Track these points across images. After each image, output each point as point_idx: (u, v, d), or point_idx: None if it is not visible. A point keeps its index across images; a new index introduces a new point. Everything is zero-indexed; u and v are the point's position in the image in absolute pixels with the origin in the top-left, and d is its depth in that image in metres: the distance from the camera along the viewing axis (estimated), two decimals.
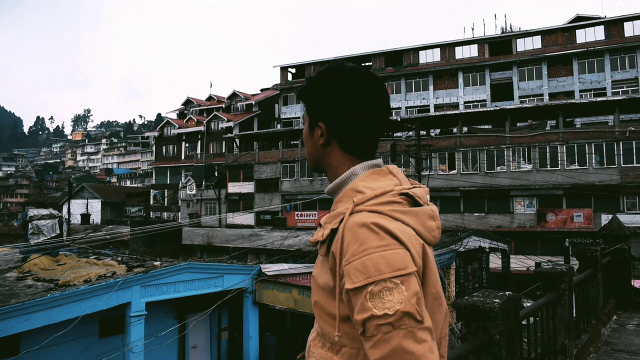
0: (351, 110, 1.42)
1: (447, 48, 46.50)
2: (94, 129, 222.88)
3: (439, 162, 36.98)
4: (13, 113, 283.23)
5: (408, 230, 1.25)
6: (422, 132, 32.37)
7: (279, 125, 53.94)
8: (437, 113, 40.96)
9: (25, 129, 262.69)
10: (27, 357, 10.66)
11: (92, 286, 11.07)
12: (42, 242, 13.79)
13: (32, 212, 14.36)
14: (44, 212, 14.44)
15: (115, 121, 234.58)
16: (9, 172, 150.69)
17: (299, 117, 52.38)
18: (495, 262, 26.42)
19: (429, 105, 45.86)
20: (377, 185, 1.34)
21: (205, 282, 13.44)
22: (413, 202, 1.32)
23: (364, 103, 1.42)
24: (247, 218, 42.37)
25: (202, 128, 60.01)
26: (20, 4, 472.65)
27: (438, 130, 41.43)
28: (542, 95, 41.77)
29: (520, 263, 25.86)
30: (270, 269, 15.34)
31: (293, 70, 55.46)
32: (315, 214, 38.23)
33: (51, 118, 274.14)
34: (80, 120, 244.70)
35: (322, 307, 1.36)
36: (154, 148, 69.64)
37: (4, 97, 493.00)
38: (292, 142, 46.11)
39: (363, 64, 48.91)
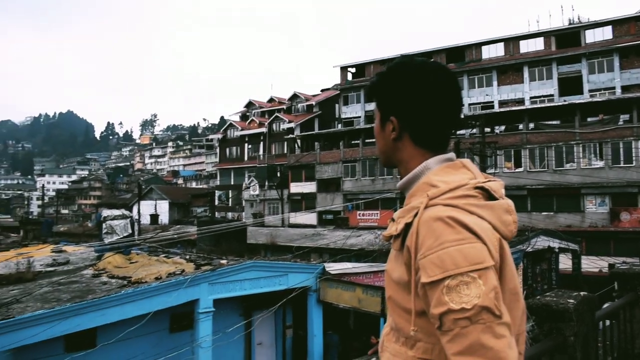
0: (423, 103, 1.42)
1: (511, 42, 45.16)
2: (161, 133, 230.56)
3: (504, 160, 36.00)
4: (85, 119, 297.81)
5: (484, 224, 1.23)
6: (487, 129, 31.63)
7: (339, 125, 54.02)
8: (501, 109, 39.84)
9: (97, 134, 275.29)
10: (103, 350, 11.13)
11: (163, 283, 11.47)
12: (115, 241, 14.40)
13: (106, 212, 15.03)
14: (117, 212, 15.09)
15: (181, 125, 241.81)
16: (82, 176, 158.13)
17: (359, 117, 52.28)
18: (565, 263, 25.39)
19: (492, 102, 44.68)
20: (451, 179, 1.33)
21: (270, 280, 13.64)
22: (488, 195, 1.31)
23: (436, 96, 1.42)
24: (310, 218, 42.66)
25: (264, 129, 60.89)
26: (89, 15, 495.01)
27: (503, 127, 40.30)
28: (614, 88, 39.81)
29: (592, 264, 24.76)
30: (334, 267, 15.40)
31: (353, 70, 55.39)
32: (377, 214, 38.06)
33: (120, 123, 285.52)
34: (147, 124, 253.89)
35: (396, 301, 1.37)
36: (217, 150, 71.24)
37: (77, 105, 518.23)
38: (353, 142, 46.07)
39: None
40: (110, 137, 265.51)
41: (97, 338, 11.23)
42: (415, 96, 1.42)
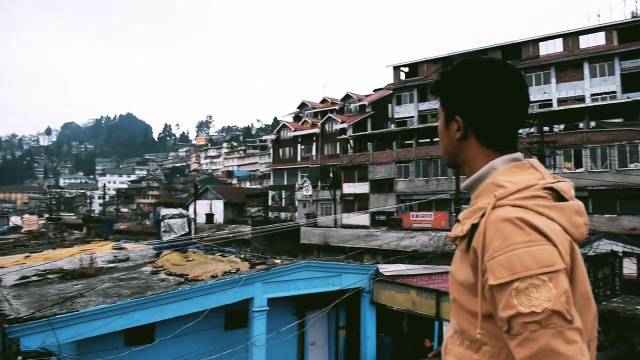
0: (489, 102, 1.39)
1: (570, 37, 43.59)
2: (216, 134, 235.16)
3: (564, 160, 34.84)
4: (144, 121, 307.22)
5: (554, 225, 1.19)
6: (545, 128, 30.69)
7: (392, 125, 53.67)
8: (560, 107, 38.55)
9: (155, 136, 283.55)
10: (161, 345, 11.44)
11: (219, 281, 11.68)
12: (173, 239, 14.78)
13: (164, 211, 15.45)
14: (175, 211, 15.49)
15: (235, 126, 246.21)
16: (141, 176, 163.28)
17: (412, 117, 51.77)
18: (629, 268, 24.32)
19: (551, 100, 43.31)
20: (519, 179, 1.30)
21: (323, 280, 13.68)
22: (558, 196, 1.26)
23: (502, 94, 1.38)
24: (362, 218, 42.54)
25: (316, 130, 61.18)
26: (147, 20, 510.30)
27: (562, 126, 39.03)
28: None
29: None
30: (388, 269, 15.29)
31: (406, 69, 54.90)
32: (431, 215, 37.53)
33: (177, 125, 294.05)
34: (203, 126, 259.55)
35: (461, 304, 1.34)
36: (271, 151, 72.10)
37: (136, 107, 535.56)
38: (406, 142, 45.65)
39: None
40: (168, 138, 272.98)
41: (156, 333, 11.55)
42: (481, 94, 1.39)
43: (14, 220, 64.29)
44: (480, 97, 1.40)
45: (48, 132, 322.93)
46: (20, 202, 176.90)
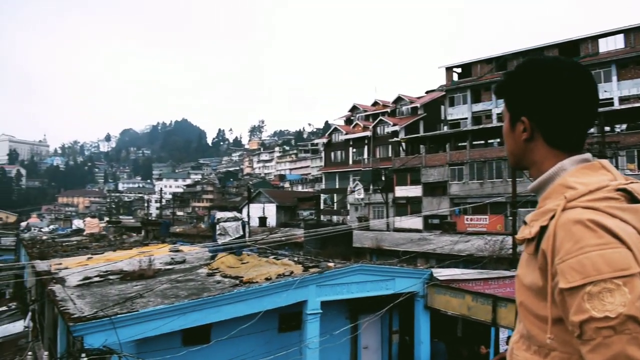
0: (558, 102, 1.36)
1: (632, 33, 41.79)
2: (268, 138, 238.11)
3: (626, 161, 33.45)
4: (198, 127, 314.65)
5: (628, 228, 1.14)
6: (606, 128, 29.58)
7: (445, 127, 52.95)
8: (622, 106, 37.03)
9: (209, 141, 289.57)
10: (217, 345, 11.66)
11: (273, 284, 11.81)
12: (227, 242, 15.04)
13: (219, 215, 15.73)
14: (229, 215, 15.76)
15: (287, 130, 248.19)
16: (196, 180, 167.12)
17: (466, 118, 50.93)
18: None
19: (612, 98, 41.66)
20: (589, 180, 1.26)
21: (376, 284, 13.61)
22: (631, 198, 1.21)
23: (571, 94, 1.35)
24: (415, 222, 42.11)
25: (368, 133, 61.05)
26: (199, 27, 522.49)
27: (624, 126, 37.51)
28: None
29: None
30: (442, 273, 15.07)
31: (459, 70, 54.09)
32: (486, 218, 36.79)
33: (230, 130, 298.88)
34: (255, 130, 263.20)
35: (528, 308, 1.31)
36: (322, 154, 72.39)
37: (191, 113, 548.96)
38: (459, 144, 44.94)
39: None
40: (221, 143, 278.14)
41: (212, 334, 11.78)
42: (549, 95, 1.37)
43: (77, 223, 66.77)
44: (548, 97, 1.37)
45: (108, 138, 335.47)
46: (82, 206, 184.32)
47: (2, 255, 61.18)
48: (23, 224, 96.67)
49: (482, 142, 45.30)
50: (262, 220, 53.15)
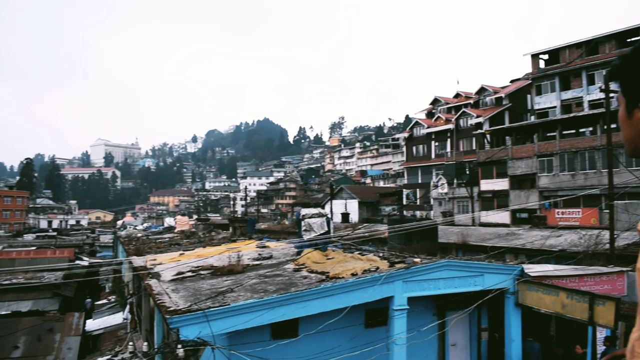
0: None
1: None
2: (348, 134, 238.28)
3: None
4: (280, 125, 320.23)
5: None
6: None
7: (532, 117, 50.82)
8: None
9: (290, 139, 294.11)
10: (304, 340, 11.83)
11: (359, 279, 11.83)
12: (313, 238, 15.23)
13: (304, 211, 15.97)
14: (314, 211, 15.95)
15: (367, 126, 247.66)
16: (279, 177, 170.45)
17: (554, 107, 48.63)
18: None
19: None
20: None
21: (464, 280, 13.29)
22: None
23: None
24: (502, 216, 40.73)
25: (450, 126, 59.77)
26: (273, 28, 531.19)
27: None
28: None
29: None
30: (533, 269, 14.46)
31: (545, 57, 51.71)
32: (579, 212, 34.96)
33: (311, 127, 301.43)
34: (335, 127, 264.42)
35: None
36: (404, 149, 71.61)
37: (272, 113, 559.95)
38: (548, 134, 42.96)
39: (627, 41, 43.24)
40: (302, 141, 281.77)
41: (299, 328, 11.97)
42: None
43: (168, 221, 70.00)
44: None
45: (194, 139, 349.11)
46: (172, 205, 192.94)
47: (102, 252, 65.32)
48: (119, 222, 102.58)
49: (573, 131, 43.05)
50: (345, 216, 53.35)
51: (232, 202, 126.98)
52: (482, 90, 60.57)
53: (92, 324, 24.34)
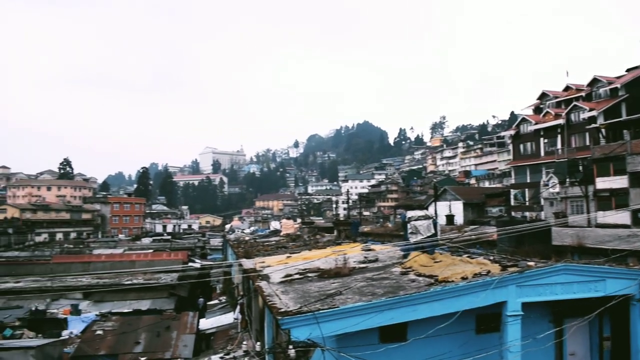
0: None
1: None
2: (450, 134, 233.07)
3: None
4: (380, 128, 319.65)
5: None
6: None
7: None
8: None
9: (391, 141, 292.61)
10: (414, 344, 11.66)
11: (470, 283, 11.49)
12: (419, 240, 15.02)
13: (410, 213, 15.78)
14: (420, 213, 15.72)
15: (470, 124, 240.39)
16: (380, 180, 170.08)
17: None
18: None
19: None
20: None
21: (584, 285, 12.48)
22: None
23: None
24: (621, 217, 37.86)
25: (560, 121, 56.69)
26: (371, 29, 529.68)
27: None
28: None
29: None
30: None
31: None
32: None
33: (412, 128, 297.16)
34: (436, 127, 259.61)
35: None
36: (510, 147, 68.83)
37: (372, 115, 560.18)
38: None
39: None
40: (403, 142, 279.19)
41: (408, 332, 11.81)
42: None
43: (273, 224, 72.21)
44: None
45: (296, 144, 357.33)
46: (276, 209, 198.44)
47: (212, 254, 68.56)
48: (227, 226, 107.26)
49: None
50: (449, 218, 52.13)
51: (334, 206, 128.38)
52: (594, 81, 56.85)
53: (205, 323, 25.52)
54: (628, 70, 58.27)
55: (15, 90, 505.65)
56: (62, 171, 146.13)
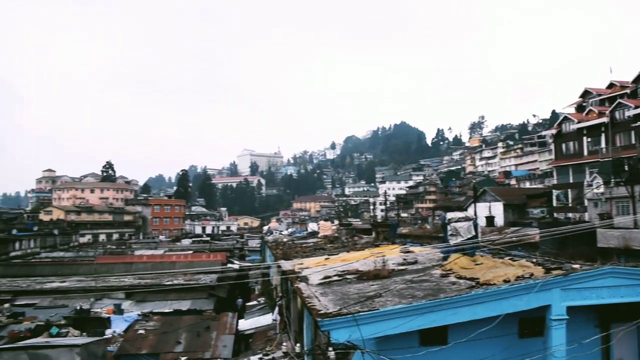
0: None
1: None
2: (489, 134, 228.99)
3: None
4: (417, 128, 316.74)
5: None
6: None
7: None
8: None
9: (428, 141, 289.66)
10: (455, 348, 11.49)
11: (513, 286, 11.26)
12: (459, 242, 14.81)
13: (450, 215, 15.59)
14: (460, 215, 15.51)
15: (509, 124, 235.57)
16: (418, 181, 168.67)
17: None
18: None
19: None
20: None
21: (632, 289, 12.06)
22: None
23: None
24: None
25: (604, 119, 55.17)
26: (411, 31, 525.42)
27: None
28: None
29: None
30: None
31: None
32: None
33: (449, 128, 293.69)
34: (475, 127, 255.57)
35: None
36: (552, 146, 67.32)
37: (410, 116, 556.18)
38: None
39: None
40: (441, 143, 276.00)
41: (449, 336, 11.66)
42: None
43: (311, 226, 72.43)
44: None
45: (333, 146, 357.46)
46: (314, 210, 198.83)
47: (250, 256, 69.18)
48: (265, 227, 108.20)
49: None
50: (490, 219, 51.31)
51: (371, 207, 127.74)
52: None
53: (244, 324, 25.76)
54: None
55: (62, 95, 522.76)
56: (104, 174, 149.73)
